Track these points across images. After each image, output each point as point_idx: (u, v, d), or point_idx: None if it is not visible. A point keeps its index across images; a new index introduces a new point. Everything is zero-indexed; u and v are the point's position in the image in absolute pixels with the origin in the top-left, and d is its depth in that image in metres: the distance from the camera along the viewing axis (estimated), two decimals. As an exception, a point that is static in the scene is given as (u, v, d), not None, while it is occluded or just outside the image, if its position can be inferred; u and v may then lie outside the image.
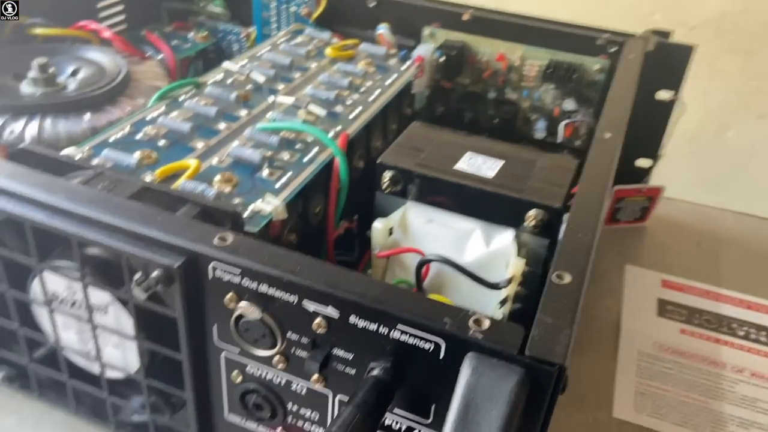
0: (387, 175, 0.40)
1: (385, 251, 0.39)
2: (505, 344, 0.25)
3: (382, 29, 0.60)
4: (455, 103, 0.62)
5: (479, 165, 0.41)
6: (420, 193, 0.40)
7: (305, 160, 0.41)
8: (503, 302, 0.37)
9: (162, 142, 0.41)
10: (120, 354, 0.35)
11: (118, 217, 0.30)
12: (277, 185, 0.38)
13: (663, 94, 0.57)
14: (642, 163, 0.61)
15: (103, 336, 0.34)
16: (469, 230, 0.39)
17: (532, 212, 0.38)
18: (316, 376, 0.29)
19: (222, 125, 0.44)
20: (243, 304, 0.29)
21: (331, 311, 0.27)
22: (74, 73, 0.49)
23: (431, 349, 0.26)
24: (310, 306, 0.28)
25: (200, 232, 0.30)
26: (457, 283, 0.38)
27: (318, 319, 0.28)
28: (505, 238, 0.38)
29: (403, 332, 0.26)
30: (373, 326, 0.27)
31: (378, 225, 0.39)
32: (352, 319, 0.27)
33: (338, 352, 0.29)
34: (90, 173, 0.35)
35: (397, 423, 0.29)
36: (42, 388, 0.38)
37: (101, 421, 0.37)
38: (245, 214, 0.35)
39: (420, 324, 0.26)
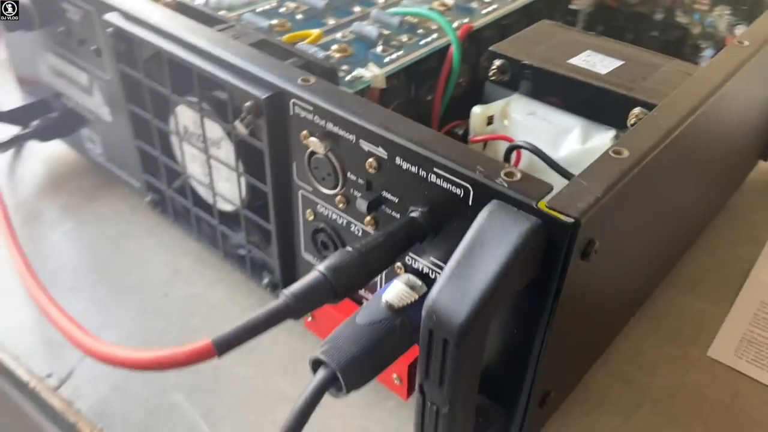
0: (495, 63, 0.40)
1: (479, 137, 0.40)
2: (527, 195, 0.25)
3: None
4: (617, 23, 0.58)
5: (595, 62, 0.39)
6: (526, 85, 0.40)
7: (421, 43, 0.42)
8: (586, 200, 0.35)
9: (299, 16, 0.45)
10: (230, 188, 0.40)
11: (228, 53, 0.34)
12: (386, 60, 0.40)
13: None
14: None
15: (216, 168, 0.39)
16: (569, 126, 0.38)
17: (636, 110, 0.35)
18: (368, 218, 0.32)
19: (357, 8, 0.47)
20: (313, 139, 0.32)
21: (381, 151, 0.29)
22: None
23: (461, 195, 0.27)
24: (365, 146, 0.30)
25: (289, 72, 0.33)
26: (546, 178, 0.37)
27: (370, 159, 0.30)
28: (604, 137, 0.37)
29: (438, 176, 0.28)
30: (414, 169, 0.28)
31: (477, 110, 0.40)
32: (398, 160, 0.29)
33: (387, 195, 0.30)
34: (224, 25, 0.40)
35: (433, 273, 0.31)
36: (176, 215, 0.46)
37: (214, 249, 0.43)
38: (346, 78, 0.38)
39: (452, 169, 0.27)
